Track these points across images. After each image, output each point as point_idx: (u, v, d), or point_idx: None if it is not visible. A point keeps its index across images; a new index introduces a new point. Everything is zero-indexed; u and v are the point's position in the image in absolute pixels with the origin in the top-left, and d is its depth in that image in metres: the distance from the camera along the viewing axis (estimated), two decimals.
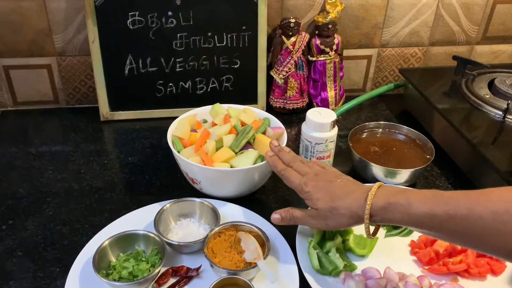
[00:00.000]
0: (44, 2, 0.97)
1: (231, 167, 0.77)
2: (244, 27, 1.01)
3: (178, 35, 0.99)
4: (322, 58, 1.05)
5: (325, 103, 1.09)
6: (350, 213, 0.61)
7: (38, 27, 0.99)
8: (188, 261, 0.69)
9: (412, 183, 0.86)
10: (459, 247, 0.69)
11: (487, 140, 0.87)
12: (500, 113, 0.91)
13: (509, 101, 0.89)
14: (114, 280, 0.64)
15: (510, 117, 0.90)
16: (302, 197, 0.67)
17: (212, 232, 0.70)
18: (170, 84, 1.03)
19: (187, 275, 0.67)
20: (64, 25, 1.00)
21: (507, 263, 0.69)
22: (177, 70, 1.02)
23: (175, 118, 0.86)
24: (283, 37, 1.02)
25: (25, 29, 0.99)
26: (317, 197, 0.64)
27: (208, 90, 1.05)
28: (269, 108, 1.08)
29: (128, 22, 0.96)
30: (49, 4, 0.97)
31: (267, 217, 0.76)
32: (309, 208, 0.67)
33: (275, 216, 0.69)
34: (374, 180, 0.85)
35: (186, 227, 0.74)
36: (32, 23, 0.98)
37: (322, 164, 0.72)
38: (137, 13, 0.96)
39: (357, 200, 0.61)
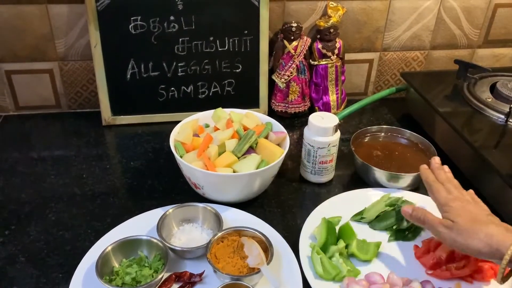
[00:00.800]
0: (46, 7, 0.97)
1: (234, 172, 0.77)
2: (246, 32, 1.01)
3: (180, 39, 0.99)
4: (324, 62, 1.05)
5: (327, 107, 1.09)
6: (489, 241, 0.58)
7: (40, 32, 0.99)
8: (191, 267, 0.69)
9: (415, 187, 0.86)
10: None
11: (490, 144, 0.87)
12: (502, 116, 0.91)
13: (511, 105, 0.89)
14: (117, 286, 0.64)
15: None
16: (442, 209, 0.66)
17: (215, 237, 0.70)
18: (172, 88, 1.03)
19: (190, 280, 0.67)
20: (66, 30, 1.00)
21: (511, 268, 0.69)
22: (179, 74, 1.02)
23: (177, 122, 0.86)
24: (285, 41, 1.03)
25: (27, 34, 0.99)
26: (459, 213, 0.63)
27: (210, 94, 1.05)
28: (271, 112, 1.08)
29: (130, 26, 0.96)
30: (51, 9, 0.97)
31: (270, 222, 0.76)
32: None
33: (407, 209, 0.68)
34: (376, 184, 0.85)
35: (189, 232, 0.74)
36: (34, 28, 0.99)
37: (477, 198, 0.68)
38: (139, 17, 0.96)
39: (503, 233, 0.58)
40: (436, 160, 0.74)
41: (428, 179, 0.70)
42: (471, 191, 0.69)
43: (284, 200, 0.85)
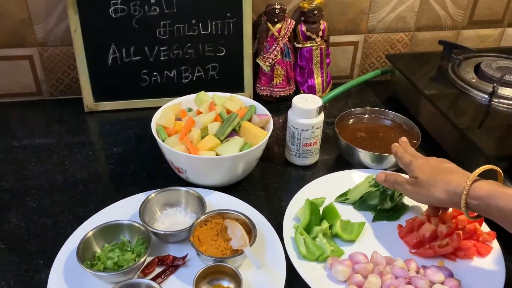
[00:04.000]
0: None
1: (217, 155, 0.76)
2: (229, 14, 0.99)
3: (162, 23, 0.97)
4: (309, 45, 1.04)
5: (312, 90, 1.08)
6: (447, 187, 0.63)
7: (19, 18, 0.97)
8: (174, 250, 0.69)
9: (399, 168, 0.85)
10: (445, 231, 0.69)
11: (474, 124, 0.87)
12: (486, 96, 0.91)
13: (495, 84, 0.89)
14: (99, 270, 0.63)
15: (496, 100, 0.90)
16: (407, 170, 0.72)
17: (198, 220, 0.69)
18: (155, 73, 1.02)
19: (173, 264, 0.66)
20: (45, 15, 0.98)
21: (493, 245, 0.70)
22: (161, 58, 1.00)
23: (160, 108, 0.85)
24: (269, 24, 1.01)
25: (5, 20, 0.97)
26: (422, 169, 0.68)
27: (194, 79, 1.04)
28: (256, 97, 1.07)
29: (110, 10, 0.95)
30: None
31: (254, 205, 0.76)
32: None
33: (381, 175, 0.75)
34: (360, 165, 0.85)
35: (172, 216, 0.73)
36: (12, 14, 0.96)
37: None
38: (119, 1, 0.94)
39: (459, 179, 0.62)
40: (403, 139, 0.80)
41: (398, 151, 0.76)
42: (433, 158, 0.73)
43: (269, 183, 0.84)
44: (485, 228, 0.72)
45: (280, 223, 0.72)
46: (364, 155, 0.83)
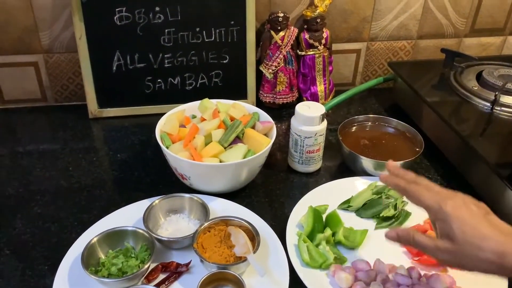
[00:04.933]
0: None
1: (220, 162, 0.77)
2: (232, 22, 1.00)
3: (166, 30, 0.98)
4: (311, 52, 1.05)
5: (314, 98, 1.09)
6: (498, 260, 0.49)
7: (24, 24, 0.98)
8: (178, 257, 0.69)
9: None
10: None
11: (476, 132, 0.87)
12: (488, 104, 0.91)
13: (497, 93, 0.90)
14: (103, 276, 0.64)
15: (498, 108, 0.90)
16: (437, 218, 0.54)
17: (202, 227, 0.69)
18: (159, 80, 1.03)
19: (176, 270, 0.66)
20: (50, 22, 0.99)
21: None
22: (165, 66, 1.01)
23: (164, 114, 0.86)
24: (272, 32, 1.02)
25: (11, 27, 0.98)
26: (458, 225, 0.51)
27: (198, 86, 1.05)
28: (259, 104, 1.08)
29: (115, 18, 0.96)
30: (34, 0, 0.96)
31: (257, 211, 0.76)
32: (438, 236, 0.54)
33: (391, 234, 0.59)
34: (363, 172, 0.85)
35: (176, 223, 0.74)
36: (17, 20, 0.97)
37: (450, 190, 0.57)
38: (124, 8, 0.95)
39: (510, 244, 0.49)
40: (392, 163, 0.64)
41: (400, 184, 0.59)
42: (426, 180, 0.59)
43: (272, 190, 0.85)
44: None
45: (283, 230, 0.72)
46: (367, 163, 0.83)
